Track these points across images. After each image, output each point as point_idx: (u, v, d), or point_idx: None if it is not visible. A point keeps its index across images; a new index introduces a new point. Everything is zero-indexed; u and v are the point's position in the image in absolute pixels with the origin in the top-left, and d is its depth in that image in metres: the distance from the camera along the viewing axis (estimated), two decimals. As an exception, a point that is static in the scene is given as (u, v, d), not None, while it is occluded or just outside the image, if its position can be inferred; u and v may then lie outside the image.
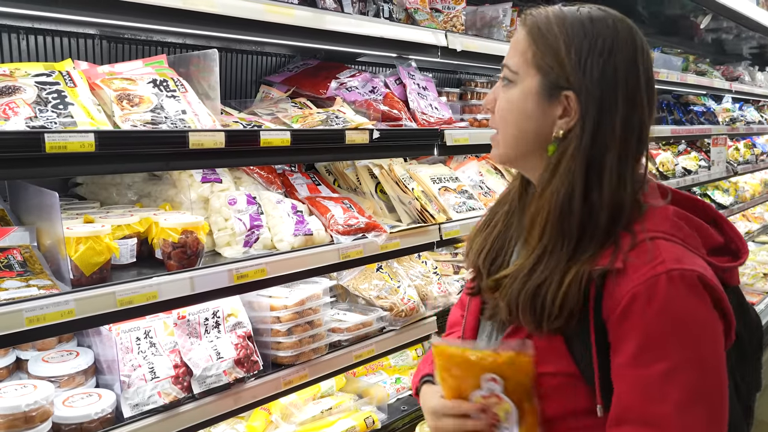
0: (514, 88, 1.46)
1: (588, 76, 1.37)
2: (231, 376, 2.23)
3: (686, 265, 1.29)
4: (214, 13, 2.06)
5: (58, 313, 1.73)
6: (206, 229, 2.19)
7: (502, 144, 1.51)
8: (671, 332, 1.27)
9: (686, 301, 1.28)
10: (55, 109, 1.84)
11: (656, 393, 1.28)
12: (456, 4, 3.23)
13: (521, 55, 1.45)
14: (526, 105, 1.44)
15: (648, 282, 1.28)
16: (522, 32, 1.46)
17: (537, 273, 1.38)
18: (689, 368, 1.27)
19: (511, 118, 1.47)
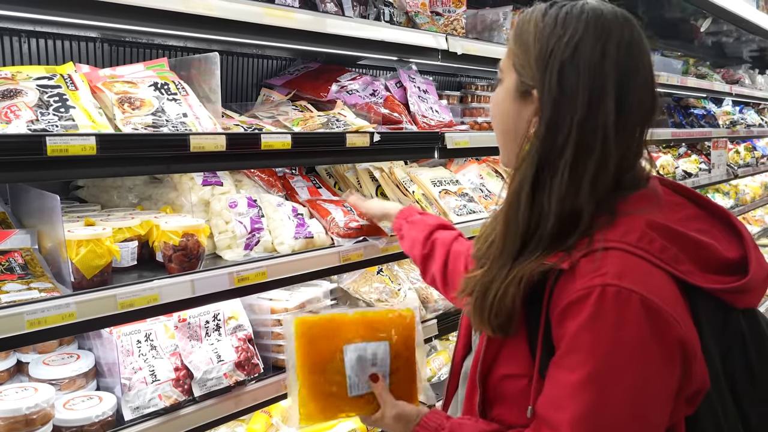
0: (500, 86, 1.49)
1: (548, 76, 1.33)
2: (232, 379, 2.23)
3: (626, 284, 1.22)
4: (214, 17, 2.06)
5: (59, 315, 1.73)
6: (207, 231, 2.19)
7: (502, 147, 1.53)
8: (589, 346, 1.23)
9: (612, 319, 1.22)
10: (56, 112, 1.84)
11: (561, 399, 1.26)
12: (456, 7, 3.24)
13: (507, 54, 1.47)
14: (506, 104, 1.46)
15: (583, 291, 1.23)
16: (513, 34, 1.47)
17: (489, 273, 1.38)
18: (595, 387, 1.22)
19: (497, 117, 1.52)
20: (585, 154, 1.30)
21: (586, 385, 1.23)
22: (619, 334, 1.21)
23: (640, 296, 1.21)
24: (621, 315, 1.21)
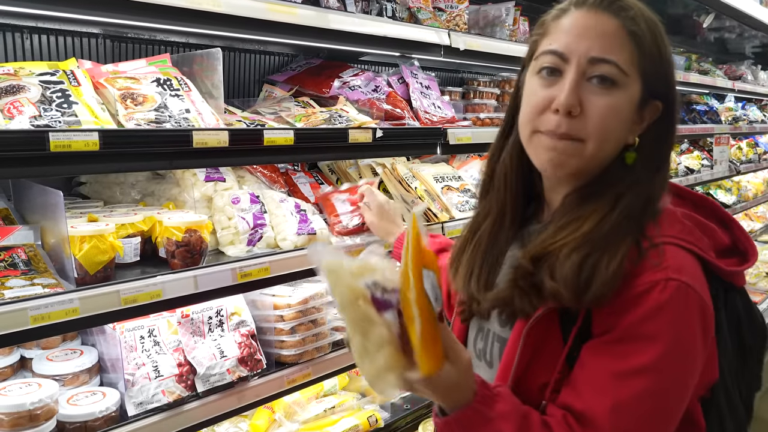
0: (619, 92, 1.31)
1: (672, 86, 1.36)
2: (234, 375, 2.24)
3: (685, 278, 1.25)
4: (217, 12, 2.06)
5: (62, 311, 1.73)
6: (210, 227, 2.20)
7: (590, 156, 1.34)
8: (648, 337, 1.23)
9: (674, 313, 1.24)
10: (59, 108, 1.84)
11: (601, 385, 1.25)
12: (459, 3, 3.23)
13: (627, 52, 1.30)
14: (627, 113, 1.33)
15: (647, 285, 1.24)
16: (617, 25, 1.30)
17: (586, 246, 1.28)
18: (646, 376, 1.23)
19: (615, 129, 1.33)
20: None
21: (637, 374, 1.23)
22: (679, 328, 1.24)
23: (697, 293, 1.25)
24: (682, 310, 1.24)
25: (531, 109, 1.37)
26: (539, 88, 1.36)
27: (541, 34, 1.40)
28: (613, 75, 1.29)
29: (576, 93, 1.30)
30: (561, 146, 1.33)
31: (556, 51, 1.33)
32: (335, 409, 2.94)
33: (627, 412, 1.23)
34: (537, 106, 1.35)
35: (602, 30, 1.30)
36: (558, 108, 1.31)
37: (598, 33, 1.30)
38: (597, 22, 1.30)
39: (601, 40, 1.30)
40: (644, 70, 1.32)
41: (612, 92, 1.30)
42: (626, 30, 1.30)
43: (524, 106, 1.41)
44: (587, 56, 1.30)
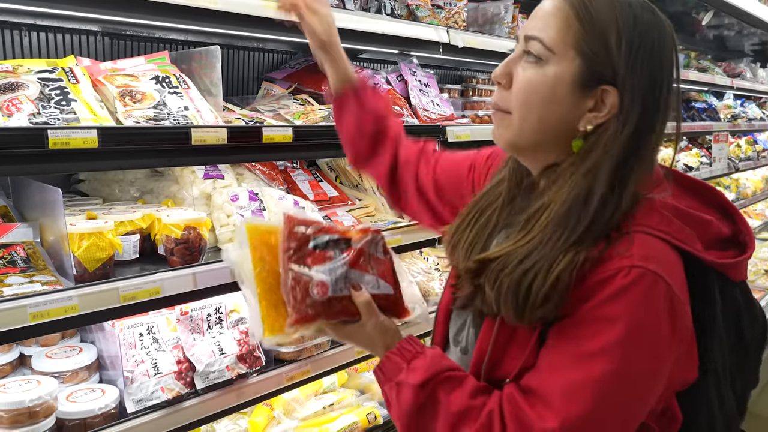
0: (544, 67, 1.30)
1: (636, 74, 1.27)
2: (233, 372, 2.24)
3: (651, 266, 1.23)
4: (216, 10, 2.06)
5: (61, 308, 1.73)
6: (209, 225, 2.20)
7: (517, 128, 1.36)
8: (608, 319, 1.23)
9: (637, 298, 1.22)
10: (58, 106, 1.84)
11: (557, 366, 1.26)
12: (458, 0, 3.23)
13: (559, 31, 1.29)
14: (556, 90, 1.31)
15: (611, 271, 1.23)
16: (561, 5, 1.30)
17: (528, 260, 1.28)
18: (603, 360, 1.22)
19: (536, 102, 1.32)
20: (655, 152, 1.32)
21: (594, 356, 1.22)
22: (640, 314, 1.22)
23: (664, 282, 1.23)
24: (645, 296, 1.22)
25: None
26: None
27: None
28: (539, 51, 1.30)
29: (507, 66, 1.36)
30: (496, 118, 1.41)
31: (517, 35, 1.39)
32: (334, 406, 2.94)
33: (580, 393, 1.22)
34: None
35: (546, 9, 1.32)
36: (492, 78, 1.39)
37: (542, 12, 1.32)
38: (550, 4, 1.32)
39: (540, 18, 1.32)
40: (583, 49, 1.29)
41: (537, 67, 1.31)
42: (575, 10, 1.29)
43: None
44: (525, 33, 1.34)
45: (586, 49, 1.28)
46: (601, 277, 1.24)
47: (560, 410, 1.22)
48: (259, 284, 1.44)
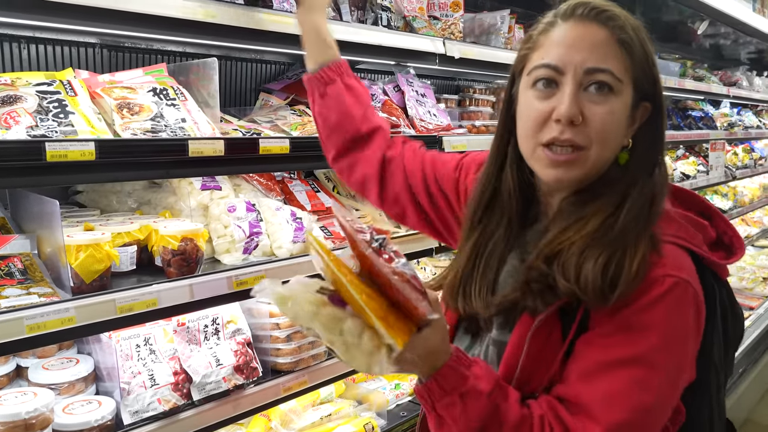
0: (615, 98, 1.35)
1: (659, 87, 1.40)
2: (230, 383, 2.25)
3: (683, 275, 1.31)
4: (213, 23, 2.07)
5: (58, 320, 1.74)
6: (206, 236, 2.21)
7: (592, 162, 1.38)
8: (641, 330, 1.28)
9: (672, 306, 1.29)
10: (56, 118, 1.85)
11: (591, 375, 1.30)
12: (454, 11, 3.25)
13: (617, 60, 1.34)
14: (623, 118, 1.38)
15: (647, 280, 1.29)
16: (606, 35, 1.34)
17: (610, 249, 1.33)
18: (637, 366, 1.27)
19: (614, 132, 1.37)
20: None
21: (630, 363, 1.27)
22: (674, 322, 1.29)
23: (694, 290, 1.32)
24: (679, 305, 1.30)
25: (532, 123, 1.39)
26: (536, 102, 1.39)
27: (531, 48, 1.43)
28: (610, 82, 1.33)
29: (576, 103, 1.33)
30: (563, 159, 1.37)
31: (549, 64, 1.36)
32: (332, 416, 2.94)
33: (619, 401, 1.27)
34: (537, 120, 1.38)
35: (594, 40, 1.34)
36: (560, 118, 1.34)
37: (591, 43, 1.34)
38: (587, 32, 1.34)
39: (594, 50, 1.33)
40: (635, 75, 1.36)
41: (609, 99, 1.34)
42: (616, 38, 1.34)
43: (524, 120, 1.43)
44: (583, 67, 1.33)
45: (634, 74, 1.36)
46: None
47: (602, 419, 1.27)
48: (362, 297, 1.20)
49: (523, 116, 1.43)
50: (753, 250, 8.07)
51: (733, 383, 5.16)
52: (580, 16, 1.36)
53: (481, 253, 1.53)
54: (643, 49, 1.37)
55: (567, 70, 1.34)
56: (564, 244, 1.36)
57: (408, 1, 3.01)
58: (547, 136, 1.36)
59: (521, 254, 1.49)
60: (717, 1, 5.12)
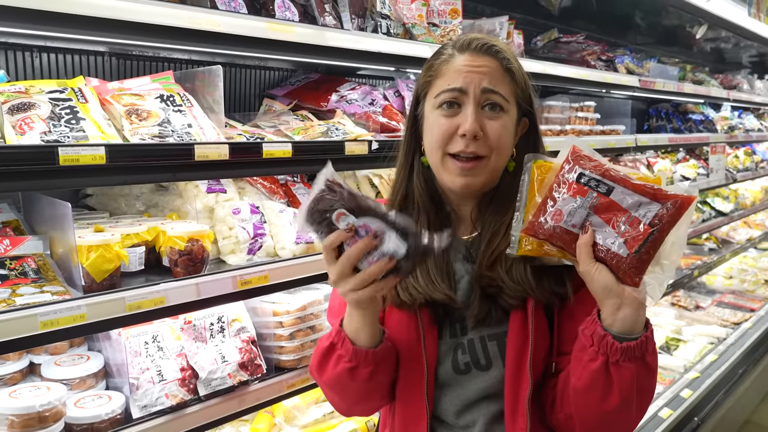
0: (505, 115, 1.61)
1: (534, 106, 1.69)
2: (235, 379, 2.32)
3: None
4: (218, 32, 2.14)
5: (70, 317, 1.81)
6: (211, 237, 2.28)
7: (491, 171, 1.62)
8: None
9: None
10: (68, 124, 1.93)
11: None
12: (453, 18, 3.31)
13: (505, 86, 1.60)
14: (512, 131, 1.64)
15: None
16: (497, 64, 1.60)
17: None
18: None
19: (506, 143, 1.62)
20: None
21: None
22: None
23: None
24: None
25: (440, 137, 1.60)
26: (443, 119, 1.60)
27: (433, 76, 1.66)
28: (501, 102, 1.59)
29: (477, 120, 1.57)
30: (469, 166, 1.59)
31: (455, 88, 1.59)
32: (334, 413, 3.00)
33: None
34: (445, 134, 1.59)
35: (488, 68, 1.60)
36: (465, 133, 1.56)
37: (486, 70, 1.59)
38: (483, 62, 1.60)
39: (488, 75, 1.59)
40: (518, 96, 1.64)
41: (501, 116, 1.60)
42: (504, 67, 1.61)
43: (432, 135, 1.63)
44: (480, 87, 1.57)
45: (517, 96, 1.63)
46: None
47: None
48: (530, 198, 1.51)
49: (432, 132, 1.63)
50: (755, 252, 8.10)
51: (733, 384, 5.19)
52: (474, 49, 1.61)
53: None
54: (523, 77, 1.65)
55: (469, 90, 1.57)
56: (498, 250, 1.61)
57: (407, 9, 3.08)
58: (454, 148, 1.59)
59: (467, 259, 1.69)
60: (713, 6, 5.18)
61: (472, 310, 1.60)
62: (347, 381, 1.56)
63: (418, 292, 1.61)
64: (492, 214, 1.67)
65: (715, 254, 6.77)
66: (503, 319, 1.60)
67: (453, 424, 1.65)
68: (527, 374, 1.56)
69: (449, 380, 1.64)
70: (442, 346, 1.64)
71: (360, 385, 1.56)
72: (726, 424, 5.12)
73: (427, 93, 1.66)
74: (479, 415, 1.62)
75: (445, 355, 1.64)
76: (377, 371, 1.55)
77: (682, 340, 5.53)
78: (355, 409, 1.73)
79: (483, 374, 1.62)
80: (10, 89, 2.00)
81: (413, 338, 1.62)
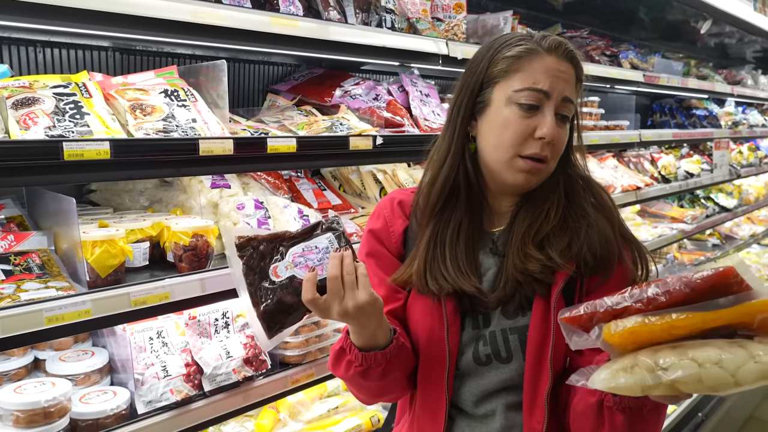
0: (568, 125, 1.64)
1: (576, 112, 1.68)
2: (240, 375, 2.31)
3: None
4: (222, 26, 2.14)
5: (75, 312, 1.81)
6: (216, 232, 2.28)
7: (549, 172, 1.66)
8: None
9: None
10: (72, 119, 1.93)
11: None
12: (457, 13, 3.30)
13: (575, 96, 1.62)
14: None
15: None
16: (574, 74, 1.62)
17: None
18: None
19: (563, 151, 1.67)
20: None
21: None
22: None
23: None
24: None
25: (517, 136, 1.58)
26: (522, 119, 1.58)
27: (514, 69, 1.59)
28: (570, 113, 1.62)
29: (556, 127, 1.58)
30: (539, 168, 1.60)
31: (542, 90, 1.56)
32: (339, 409, 3.01)
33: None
34: (522, 134, 1.58)
35: (569, 76, 1.60)
36: (544, 137, 1.56)
37: (567, 77, 1.59)
38: (566, 68, 1.59)
39: (569, 84, 1.60)
40: (576, 103, 1.64)
41: (566, 125, 1.63)
42: (576, 78, 1.63)
43: (505, 132, 1.59)
44: (562, 95, 1.58)
45: (575, 104, 1.63)
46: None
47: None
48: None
49: (505, 128, 1.59)
50: (758, 248, 8.09)
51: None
52: (562, 53, 1.59)
53: (442, 239, 1.68)
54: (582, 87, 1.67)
55: (553, 95, 1.56)
56: (542, 232, 1.62)
57: (411, 3, 3.07)
58: (528, 151, 1.58)
59: (493, 252, 1.69)
60: (718, 1, 5.16)
61: (498, 293, 1.62)
62: (361, 380, 1.59)
63: (446, 282, 1.61)
64: (527, 207, 1.68)
65: (718, 250, 6.76)
66: (526, 307, 1.62)
67: (471, 413, 1.66)
68: (548, 369, 1.57)
69: (470, 370, 1.65)
70: (464, 336, 1.65)
71: (374, 382, 1.58)
72: (730, 420, 5.12)
73: (500, 83, 1.61)
74: (498, 404, 1.64)
75: (466, 346, 1.65)
76: (389, 369, 1.56)
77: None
78: (376, 401, 1.78)
79: (503, 366, 1.63)
80: (15, 84, 2.00)
81: (437, 327, 1.63)
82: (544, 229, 1.62)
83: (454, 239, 1.66)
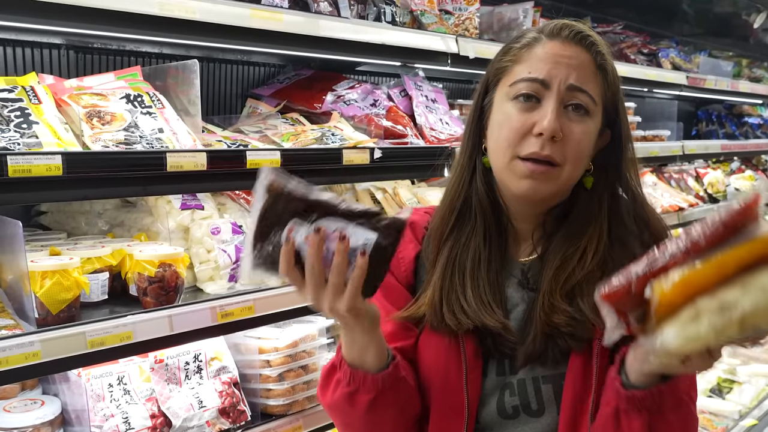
0: (590, 120, 1.57)
1: (621, 115, 1.65)
2: (215, 428, 2.30)
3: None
4: (193, 20, 2.15)
5: (22, 355, 1.80)
6: (186, 261, 2.27)
7: (564, 180, 1.58)
8: None
9: None
10: (18, 129, 1.93)
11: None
12: (469, 5, 3.32)
13: (596, 86, 1.57)
14: (594, 140, 1.60)
15: None
16: (589, 58, 1.57)
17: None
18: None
19: (585, 153, 1.58)
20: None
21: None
22: None
23: None
24: None
25: (511, 133, 1.55)
26: (517, 114, 1.55)
27: (512, 61, 1.59)
28: (587, 104, 1.55)
29: (558, 119, 1.52)
30: (540, 170, 1.54)
31: (537, 78, 1.54)
32: (331, 470, 2.99)
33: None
34: (518, 131, 1.54)
35: (578, 61, 1.56)
36: (542, 132, 1.51)
37: (575, 63, 1.55)
38: (573, 53, 1.56)
39: (577, 70, 1.55)
40: (606, 100, 1.60)
41: (585, 120, 1.56)
42: (597, 63, 1.58)
43: (501, 130, 1.58)
44: (567, 83, 1.53)
45: (605, 100, 1.59)
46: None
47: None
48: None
49: (500, 127, 1.59)
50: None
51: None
52: (566, 37, 1.57)
53: (461, 265, 1.64)
54: (615, 78, 1.62)
55: (552, 84, 1.53)
56: (574, 279, 1.56)
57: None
58: (526, 150, 1.54)
59: (522, 285, 1.66)
60: (774, -11, 5.18)
61: (526, 347, 1.56)
62: (347, 408, 1.54)
63: (466, 316, 1.57)
64: (563, 237, 1.62)
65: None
66: (561, 360, 1.56)
67: None
68: (587, 425, 1.52)
69: (493, 425, 1.61)
70: (487, 384, 1.61)
71: (360, 415, 1.53)
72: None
73: (501, 80, 1.61)
74: None
75: (489, 395, 1.61)
76: (381, 402, 1.51)
77: (737, 382, 5.48)
78: None
79: (533, 421, 1.59)
80: (-49, 88, 2.01)
81: (453, 371, 1.59)
82: (577, 275, 1.56)
83: (476, 265, 1.63)
